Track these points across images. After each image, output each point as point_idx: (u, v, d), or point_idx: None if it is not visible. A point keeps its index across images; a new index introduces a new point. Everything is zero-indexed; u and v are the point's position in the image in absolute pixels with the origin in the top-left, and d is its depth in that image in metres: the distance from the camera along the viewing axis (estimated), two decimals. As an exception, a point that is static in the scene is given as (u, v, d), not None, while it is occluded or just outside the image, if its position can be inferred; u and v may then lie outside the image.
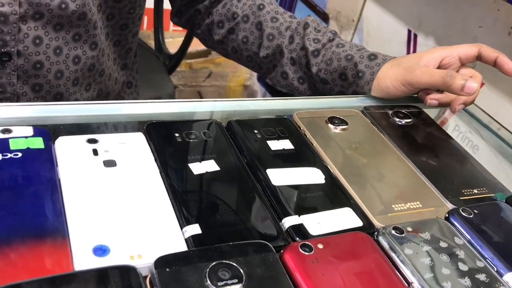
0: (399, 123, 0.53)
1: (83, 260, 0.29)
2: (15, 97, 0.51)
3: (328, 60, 0.59)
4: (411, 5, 1.14)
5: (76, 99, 0.55)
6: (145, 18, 1.72)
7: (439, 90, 0.54)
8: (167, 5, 1.43)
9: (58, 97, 0.53)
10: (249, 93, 1.90)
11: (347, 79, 0.58)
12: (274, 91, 0.69)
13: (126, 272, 0.28)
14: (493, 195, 0.45)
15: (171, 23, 1.73)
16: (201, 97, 1.74)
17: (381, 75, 0.56)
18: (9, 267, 0.28)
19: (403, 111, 0.55)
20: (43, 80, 0.51)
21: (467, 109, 0.62)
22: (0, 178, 0.34)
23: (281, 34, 0.62)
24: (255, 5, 0.64)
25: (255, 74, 1.89)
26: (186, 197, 0.36)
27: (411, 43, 1.19)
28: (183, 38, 1.54)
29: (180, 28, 1.82)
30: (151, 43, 1.45)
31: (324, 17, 1.48)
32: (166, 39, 1.45)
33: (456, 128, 0.83)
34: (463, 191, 0.44)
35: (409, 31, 1.15)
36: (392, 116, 0.54)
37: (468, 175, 0.47)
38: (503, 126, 0.63)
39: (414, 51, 1.19)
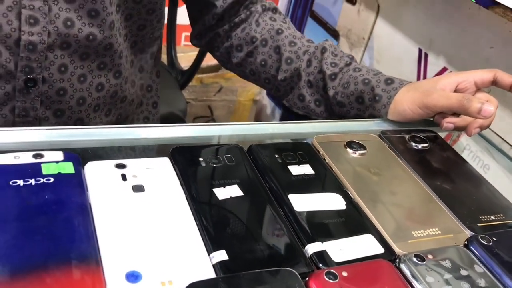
0: (416, 147, 0.54)
1: (116, 286, 0.30)
2: (37, 121, 0.52)
3: (345, 84, 0.60)
4: (422, 25, 1.15)
5: (95, 124, 0.57)
6: (157, 33, 1.75)
7: (455, 114, 0.55)
8: (179, 21, 1.46)
9: (78, 122, 0.55)
10: (259, 108, 1.92)
11: (364, 102, 0.59)
12: (285, 108, 0.70)
13: (159, 299, 0.29)
14: (510, 221, 0.46)
15: (183, 38, 1.76)
16: (211, 112, 1.76)
17: (398, 98, 0.57)
18: (45, 292, 0.29)
19: (419, 135, 0.56)
20: (65, 106, 0.53)
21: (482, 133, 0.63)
22: (34, 203, 0.35)
23: (299, 57, 0.64)
24: (273, 30, 0.66)
25: (264, 89, 1.91)
26: (212, 223, 0.37)
27: (422, 62, 1.20)
28: (194, 53, 1.56)
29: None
30: (163, 58, 1.47)
31: (335, 35, 1.49)
32: (177, 54, 1.47)
33: (467, 147, 0.84)
34: (480, 217, 0.45)
35: (420, 50, 1.17)
36: (409, 140, 0.54)
37: (485, 201, 0.48)
38: None
39: (425, 70, 1.20)
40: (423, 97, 0.54)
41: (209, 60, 1.60)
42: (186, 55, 1.64)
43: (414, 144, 0.54)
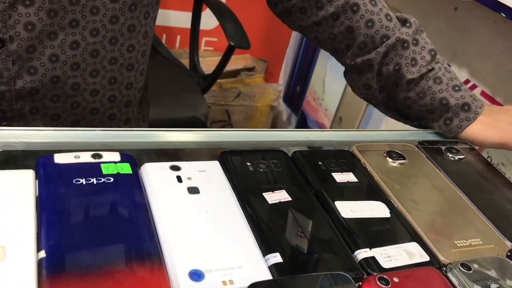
0: (452, 158, 0.55)
1: (181, 284, 0.32)
2: (12, 81, 0.52)
3: (421, 93, 0.59)
4: (445, 36, 1.16)
5: (77, 83, 0.55)
6: (178, 37, 1.78)
7: None
8: (203, 26, 1.48)
9: (55, 79, 0.53)
10: (275, 114, 1.93)
11: (433, 114, 0.60)
12: (301, 115, 0.67)
13: (225, 298, 0.31)
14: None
15: (203, 43, 1.79)
16: (229, 116, 1.78)
17: (473, 130, 0.59)
18: (115, 288, 0.31)
19: (455, 147, 0.57)
20: (37, 63, 0.51)
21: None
22: (97, 201, 0.36)
23: (374, 45, 0.59)
24: (348, 4, 0.59)
25: (281, 96, 1.93)
26: (265, 226, 0.38)
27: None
28: (213, 58, 1.58)
29: (211, 48, 1.86)
30: (185, 62, 1.49)
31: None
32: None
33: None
34: (521, 229, 0.46)
35: (443, 62, 1.17)
36: (445, 151, 0.55)
37: (523, 213, 0.49)
38: None
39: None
40: (503, 137, 0.58)
41: (229, 65, 1.62)
42: (205, 60, 1.67)
43: (450, 155, 0.55)
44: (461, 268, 0.38)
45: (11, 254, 0.31)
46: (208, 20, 1.51)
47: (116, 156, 0.41)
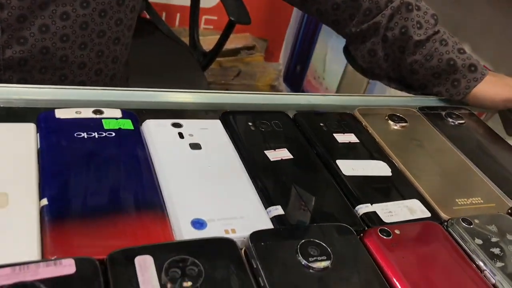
0: (453, 123, 0.55)
1: (183, 232, 0.32)
2: (1, 50, 0.51)
3: (428, 56, 0.59)
4: (447, 12, 1.15)
5: (65, 56, 0.54)
6: (178, 15, 1.76)
7: None
8: (203, 4, 1.46)
9: (44, 50, 0.53)
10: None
11: (439, 78, 0.60)
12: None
13: (227, 244, 0.31)
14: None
15: (203, 21, 1.77)
16: (229, 95, 1.77)
17: (480, 89, 0.58)
18: (117, 235, 0.31)
19: (456, 112, 0.56)
20: (27, 33, 0.51)
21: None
22: (100, 154, 0.36)
23: (379, 9, 0.59)
24: None
25: (282, 75, 1.92)
26: (266, 181, 0.38)
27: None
28: (213, 37, 1.56)
29: (211, 26, 1.84)
30: (185, 40, 1.48)
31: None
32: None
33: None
34: (521, 190, 0.46)
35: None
36: (446, 116, 0.55)
37: (524, 175, 0.49)
38: None
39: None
40: None
41: (229, 43, 1.61)
42: (205, 38, 1.65)
43: (451, 120, 0.55)
44: (462, 223, 0.38)
45: (13, 201, 0.31)
46: (209, -3, 1.50)
47: (117, 113, 0.41)
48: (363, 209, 0.38)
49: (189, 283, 0.28)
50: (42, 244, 0.29)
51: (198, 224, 0.32)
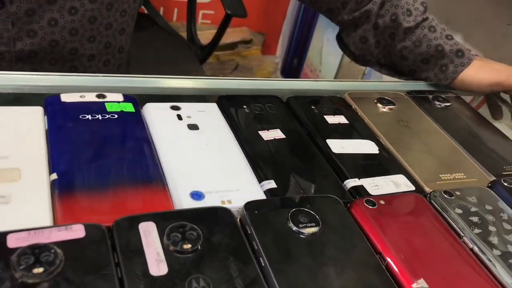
0: (439, 106, 0.57)
1: (183, 202, 0.34)
2: (12, 42, 0.53)
3: (417, 42, 0.61)
4: (439, 2, 1.17)
5: (75, 48, 0.57)
6: (175, 10, 1.78)
7: None
8: (199, -1, 1.48)
9: (53, 43, 0.55)
10: (273, 87, 1.94)
11: (428, 64, 0.62)
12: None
13: (225, 213, 0.33)
14: (530, 171, 0.49)
15: (200, 16, 1.79)
16: (227, 89, 1.79)
17: (468, 74, 0.61)
18: (122, 205, 0.33)
19: (442, 96, 0.59)
20: (36, 26, 0.53)
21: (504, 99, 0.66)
22: (104, 134, 0.39)
23: None
24: None
25: (279, 68, 1.94)
26: (260, 158, 0.41)
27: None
28: (210, 31, 1.59)
29: (209, 21, 1.86)
30: (183, 34, 1.50)
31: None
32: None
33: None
34: (504, 167, 0.49)
35: (437, 27, 1.19)
36: (433, 100, 0.58)
37: (507, 152, 0.51)
38: None
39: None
40: (499, 76, 0.60)
41: (227, 38, 1.63)
42: (203, 33, 1.67)
43: (437, 102, 0.57)
44: (444, 194, 0.41)
45: (25, 175, 0.34)
46: (205, -8, 1.52)
47: (119, 97, 0.43)
48: (351, 183, 0.41)
49: (189, 245, 0.30)
50: (54, 213, 0.32)
51: (197, 195, 0.35)
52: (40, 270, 0.27)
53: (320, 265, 0.32)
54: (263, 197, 0.37)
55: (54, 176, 0.34)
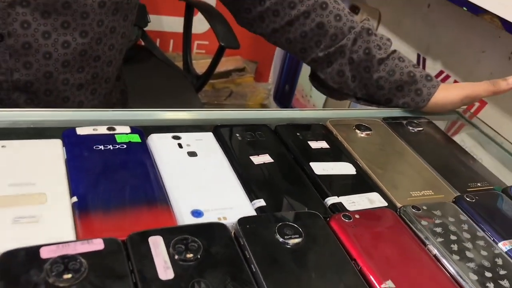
0: (412, 130, 0.64)
1: (185, 219, 0.40)
2: (9, 72, 0.58)
3: (390, 71, 0.67)
4: (420, 31, 1.25)
5: (67, 79, 0.61)
6: (171, 41, 1.86)
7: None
8: (194, 30, 1.57)
9: (47, 74, 0.59)
10: (266, 112, 2.02)
11: (402, 91, 0.69)
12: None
13: (221, 228, 0.39)
14: (493, 187, 0.55)
15: (195, 46, 1.87)
16: (222, 115, 1.86)
17: (441, 95, 0.68)
18: (133, 222, 0.39)
19: (415, 121, 0.66)
20: (32, 59, 0.58)
21: (475, 124, 0.73)
22: (115, 162, 0.45)
23: (344, 34, 0.68)
24: (317, 3, 0.67)
25: (272, 94, 2.02)
26: (251, 179, 0.47)
27: (420, 66, 1.30)
28: (205, 61, 1.66)
29: (203, 51, 1.94)
30: (179, 64, 1.58)
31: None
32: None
33: (462, 143, 0.94)
34: (469, 184, 0.55)
35: (418, 55, 1.27)
36: (406, 125, 0.64)
37: (472, 171, 0.58)
38: (506, 139, 0.72)
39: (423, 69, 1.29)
40: (464, 92, 0.69)
41: (221, 67, 1.70)
42: (198, 62, 1.75)
43: (410, 127, 0.64)
44: (412, 209, 0.47)
45: (50, 199, 0.39)
46: (200, 24, 1.60)
47: (127, 129, 0.49)
48: (331, 200, 0.47)
49: (191, 255, 0.36)
50: (76, 230, 0.37)
51: (197, 213, 0.41)
52: (69, 276, 0.32)
53: (303, 270, 0.37)
54: (254, 213, 0.43)
55: (75, 199, 0.40)
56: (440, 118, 0.71)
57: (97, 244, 0.35)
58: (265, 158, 0.51)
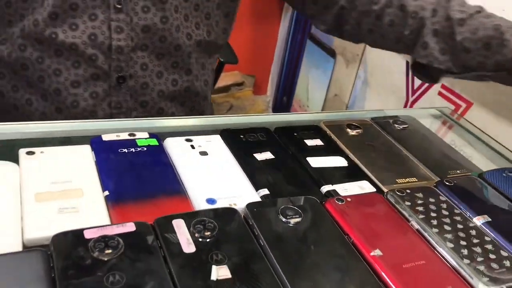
0: (398, 128, 0.71)
1: (201, 206, 0.47)
2: (129, 112, 0.66)
3: (474, 29, 0.62)
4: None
5: (173, 113, 0.71)
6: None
7: None
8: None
9: (160, 110, 0.68)
10: (266, 124, 2.09)
11: (490, 48, 0.61)
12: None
13: (233, 211, 0.46)
14: (471, 173, 0.62)
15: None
16: (224, 128, 1.94)
17: None
18: (158, 209, 0.46)
19: (401, 120, 0.73)
20: (148, 97, 0.66)
21: (462, 125, 0.79)
22: (138, 162, 0.51)
23: (424, 9, 0.67)
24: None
25: (271, 106, 2.09)
26: (256, 171, 0.54)
27: (410, 74, 1.38)
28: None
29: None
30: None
31: (332, 53, 1.68)
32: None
33: (451, 143, 1.01)
34: (449, 171, 0.62)
35: (407, 63, 1.34)
36: (392, 124, 0.71)
37: (453, 161, 0.64)
38: (492, 138, 0.78)
39: (412, 80, 1.37)
40: None
41: (220, 82, 1.78)
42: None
43: (396, 125, 0.71)
44: (397, 192, 0.54)
45: (86, 193, 0.46)
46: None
47: (145, 135, 0.56)
48: (326, 188, 0.54)
49: (209, 233, 0.43)
50: (110, 217, 0.44)
51: (211, 201, 0.48)
52: (109, 251, 0.39)
53: (303, 244, 0.44)
54: (259, 200, 0.50)
55: (107, 192, 0.46)
56: (425, 117, 0.78)
57: (130, 227, 0.42)
58: (267, 155, 0.57)
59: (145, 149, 0.54)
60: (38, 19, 0.62)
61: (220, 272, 0.39)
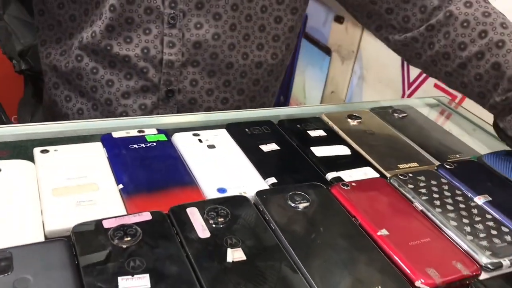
0: (397, 117, 0.73)
1: (212, 195, 0.49)
2: None
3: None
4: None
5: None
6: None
7: None
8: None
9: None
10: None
11: None
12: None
13: (243, 199, 0.48)
14: (469, 157, 0.64)
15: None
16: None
17: None
18: (171, 199, 0.47)
19: (399, 109, 0.75)
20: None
21: (460, 113, 0.81)
22: (148, 156, 0.53)
23: None
24: (492, 42, 0.59)
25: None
26: (263, 162, 0.56)
27: (405, 67, 1.40)
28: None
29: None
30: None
31: (327, 51, 1.70)
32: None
33: (450, 130, 1.03)
34: (449, 156, 0.64)
35: (403, 62, 1.37)
36: (392, 113, 0.73)
37: (452, 146, 0.66)
38: (489, 124, 0.78)
39: (408, 73, 1.39)
40: None
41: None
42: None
43: (396, 115, 0.73)
44: (400, 176, 0.55)
45: (101, 187, 0.48)
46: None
47: (154, 131, 0.58)
48: (331, 175, 0.55)
49: (222, 219, 0.44)
50: (126, 208, 0.46)
51: (221, 190, 0.49)
52: (128, 239, 0.41)
53: (312, 227, 0.46)
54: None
55: (121, 186, 0.48)
56: (423, 106, 0.80)
57: (146, 216, 0.43)
58: (273, 146, 0.59)
59: (155, 144, 0.56)
60: (96, 31, 0.64)
61: (235, 254, 0.41)
